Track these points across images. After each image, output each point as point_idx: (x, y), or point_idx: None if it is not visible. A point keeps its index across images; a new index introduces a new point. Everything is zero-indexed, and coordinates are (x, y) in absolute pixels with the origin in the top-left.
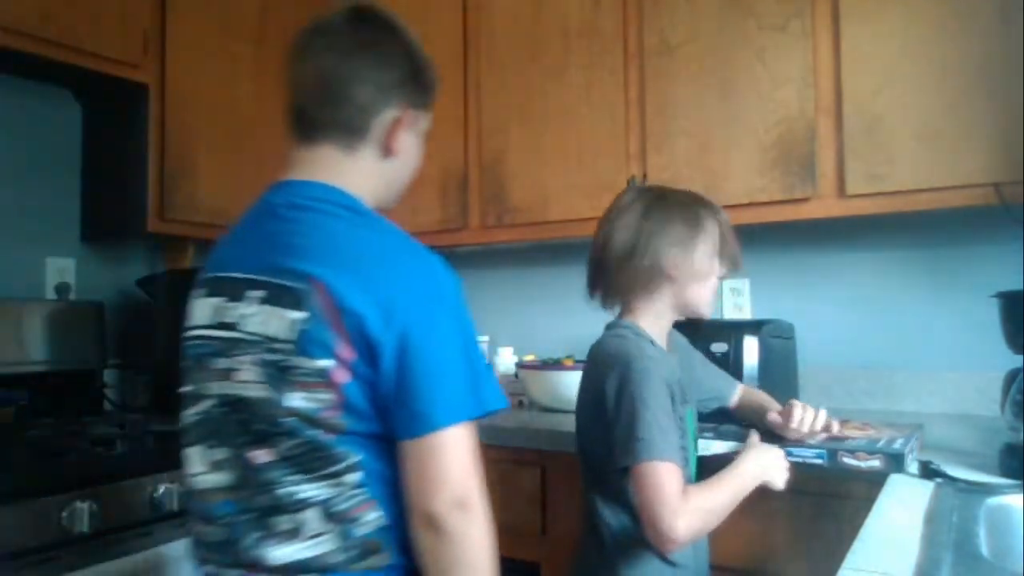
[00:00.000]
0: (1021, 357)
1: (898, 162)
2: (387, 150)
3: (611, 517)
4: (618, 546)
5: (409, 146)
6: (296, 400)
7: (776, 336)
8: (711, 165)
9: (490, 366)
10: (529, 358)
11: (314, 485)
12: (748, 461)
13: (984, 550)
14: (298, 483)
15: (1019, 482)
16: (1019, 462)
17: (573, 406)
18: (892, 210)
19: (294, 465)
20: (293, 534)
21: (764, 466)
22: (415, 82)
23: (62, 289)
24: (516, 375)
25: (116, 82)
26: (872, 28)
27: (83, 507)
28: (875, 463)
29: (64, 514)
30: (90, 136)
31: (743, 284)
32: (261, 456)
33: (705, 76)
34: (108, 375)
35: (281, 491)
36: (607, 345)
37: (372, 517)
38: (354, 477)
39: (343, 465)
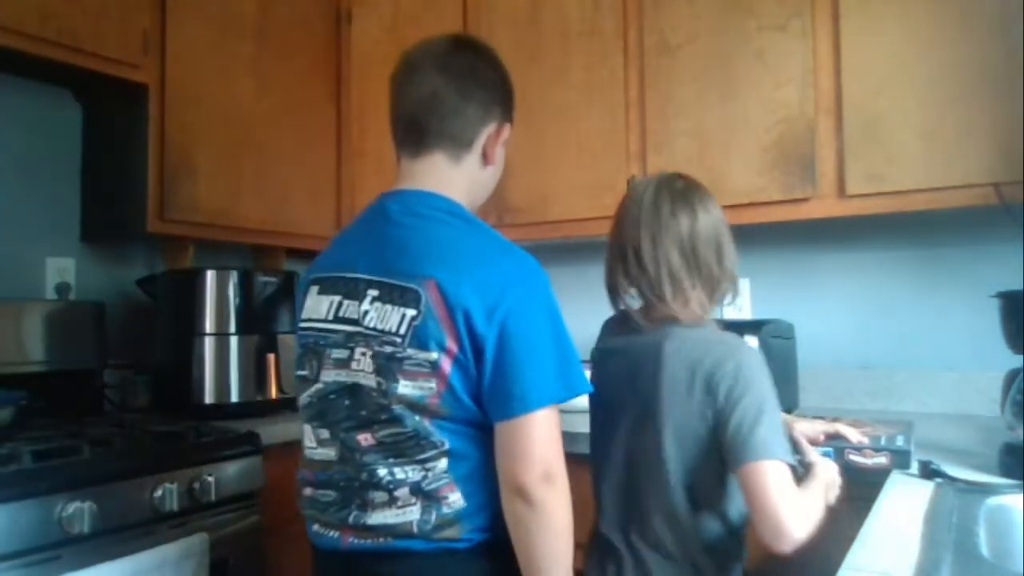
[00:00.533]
0: (1021, 357)
1: (898, 162)
2: (486, 159)
3: (693, 531)
4: (710, 564)
5: (500, 155)
6: (405, 388)
7: (776, 336)
8: (711, 165)
9: (576, 353)
10: None
11: (407, 468)
12: (821, 474)
13: (984, 550)
14: (392, 466)
15: (1019, 482)
16: (1019, 462)
17: (573, 406)
18: (892, 210)
19: (389, 450)
20: (387, 504)
21: (829, 483)
22: (507, 100)
23: (62, 289)
24: None
25: (116, 82)
26: (872, 28)
27: (83, 507)
28: (881, 460)
29: (64, 514)
30: (90, 136)
31: (743, 284)
32: (363, 440)
33: (705, 76)
34: (108, 375)
35: (380, 471)
36: (695, 339)
37: (453, 498)
38: (443, 463)
39: (435, 452)
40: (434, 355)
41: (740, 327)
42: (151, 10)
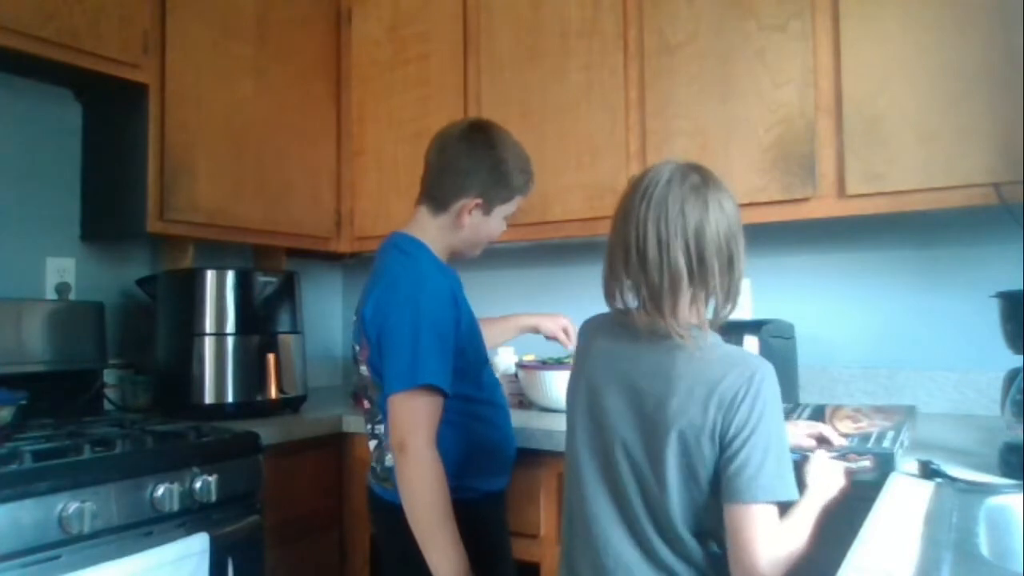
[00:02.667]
0: (1021, 357)
1: (898, 162)
2: (458, 224)
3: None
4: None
5: (479, 223)
6: (363, 370)
7: (776, 336)
8: (711, 165)
9: (433, 349)
10: (529, 358)
11: (372, 426)
12: (818, 488)
13: (984, 550)
14: (378, 424)
15: (1019, 482)
16: (1019, 462)
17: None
18: (892, 210)
19: (377, 413)
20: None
21: (828, 486)
22: (492, 181)
23: (62, 289)
24: (516, 375)
25: (116, 82)
26: (872, 28)
27: (83, 507)
28: (866, 463)
29: (64, 514)
30: (90, 136)
31: (743, 284)
32: (364, 404)
33: (705, 76)
34: (108, 375)
35: (379, 429)
36: (712, 358)
37: (388, 457)
38: (382, 427)
39: (381, 416)
40: (358, 349)
41: (740, 327)
42: (151, 10)
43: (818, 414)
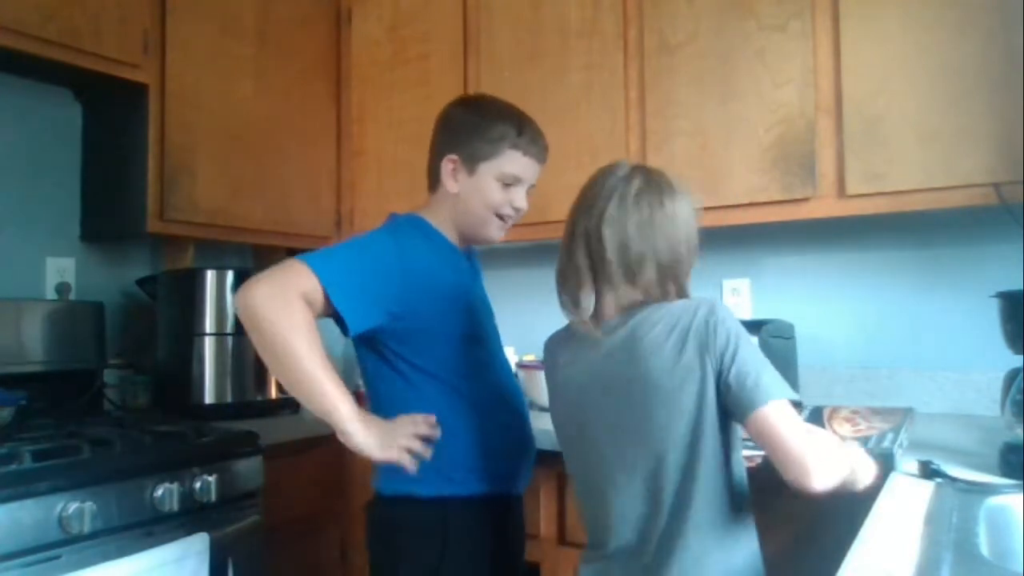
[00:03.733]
0: (1021, 357)
1: (898, 162)
2: (449, 194)
3: (706, 505)
4: (712, 539)
5: (468, 187)
6: None
7: (776, 336)
8: (711, 165)
9: (360, 282)
10: (529, 358)
11: None
12: (864, 460)
13: (984, 550)
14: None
15: (1019, 482)
16: (1019, 462)
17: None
18: (892, 210)
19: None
20: None
21: (871, 464)
22: (469, 133)
23: (62, 289)
24: (516, 375)
25: (116, 82)
26: (872, 28)
27: (83, 507)
28: None
29: (64, 514)
30: (90, 136)
31: (743, 284)
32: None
33: (705, 76)
34: (108, 375)
35: None
36: (667, 308)
37: None
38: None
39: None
40: None
41: None
42: (151, 10)
43: (816, 416)
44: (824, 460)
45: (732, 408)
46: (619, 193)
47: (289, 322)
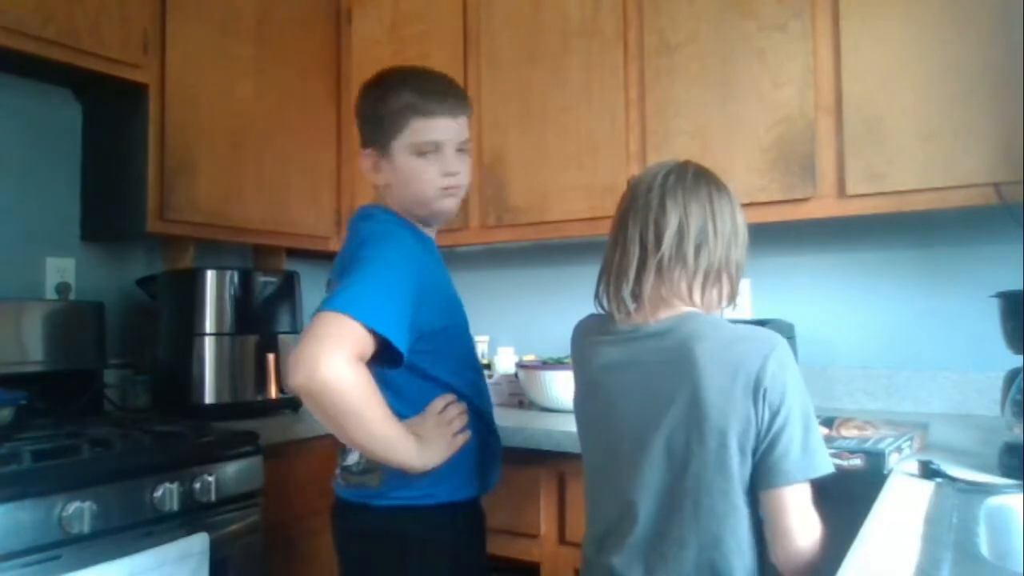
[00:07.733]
0: (1021, 357)
1: (898, 162)
2: (381, 183)
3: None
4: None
5: (392, 171)
6: None
7: None
8: (711, 165)
9: (373, 283)
10: (529, 358)
11: None
12: None
13: (984, 550)
14: None
15: (1019, 482)
16: (1019, 462)
17: (572, 406)
18: (892, 210)
19: None
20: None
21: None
22: (375, 121)
23: (62, 289)
24: (516, 375)
25: (116, 82)
26: (872, 28)
27: (83, 507)
28: (856, 462)
29: (64, 514)
30: (90, 136)
31: (743, 284)
32: None
33: (705, 76)
34: (108, 375)
35: None
36: (726, 338)
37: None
38: None
39: None
40: None
41: None
42: (151, 10)
43: (826, 426)
44: (811, 554)
45: (762, 471)
46: (676, 175)
47: (361, 393)
